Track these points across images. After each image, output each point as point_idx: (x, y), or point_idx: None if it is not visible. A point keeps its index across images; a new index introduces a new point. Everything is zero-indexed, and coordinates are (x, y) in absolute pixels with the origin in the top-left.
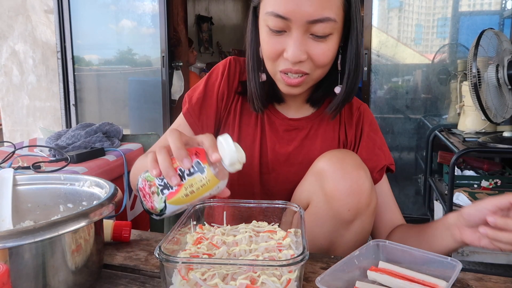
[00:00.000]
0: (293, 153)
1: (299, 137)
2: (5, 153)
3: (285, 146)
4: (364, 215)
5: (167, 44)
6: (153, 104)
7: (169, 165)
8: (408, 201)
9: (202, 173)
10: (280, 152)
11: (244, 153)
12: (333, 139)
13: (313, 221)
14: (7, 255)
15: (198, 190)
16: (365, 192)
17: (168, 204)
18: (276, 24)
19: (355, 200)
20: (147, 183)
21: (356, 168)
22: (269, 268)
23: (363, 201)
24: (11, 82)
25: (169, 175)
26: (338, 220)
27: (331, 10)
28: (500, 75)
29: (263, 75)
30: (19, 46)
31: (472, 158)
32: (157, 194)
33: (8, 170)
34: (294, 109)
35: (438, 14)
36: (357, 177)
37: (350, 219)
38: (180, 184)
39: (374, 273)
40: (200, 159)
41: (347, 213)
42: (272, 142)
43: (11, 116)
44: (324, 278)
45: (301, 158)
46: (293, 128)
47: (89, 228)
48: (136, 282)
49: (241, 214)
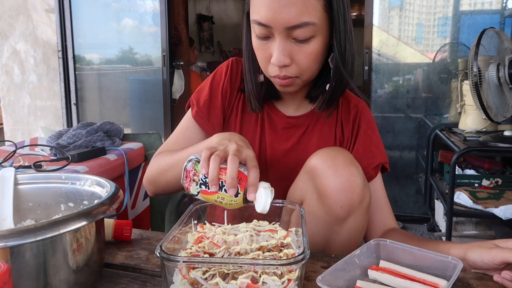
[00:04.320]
0: (291, 150)
1: (297, 134)
2: (6, 152)
3: (283, 143)
4: (357, 212)
5: (168, 43)
6: (154, 103)
7: (216, 174)
8: (409, 200)
9: (236, 196)
10: (278, 149)
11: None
12: (330, 136)
13: (307, 219)
14: (8, 254)
15: (225, 204)
16: (357, 189)
17: (199, 195)
18: (260, 32)
19: (347, 197)
20: (193, 170)
21: (347, 165)
22: (270, 267)
23: (355, 197)
24: (12, 81)
25: (212, 182)
26: (332, 217)
27: (309, 15)
28: (501, 74)
29: (261, 76)
30: (20, 45)
31: (473, 157)
32: (195, 184)
33: (9, 169)
34: (293, 106)
35: (439, 13)
36: (348, 173)
37: (343, 216)
38: (216, 192)
39: (375, 272)
40: (240, 186)
41: (340, 210)
42: (271, 139)
43: (12, 115)
44: (325, 277)
45: (298, 155)
46: (291, 125)
47: (90, 227)
48: (137, 281)
49: (241, 213)
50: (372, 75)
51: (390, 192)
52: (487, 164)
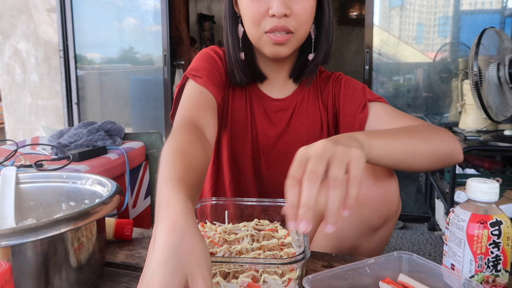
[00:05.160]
0: (281, 135)
1: (286, 117)
2: (8, 152)
3: (274, 128)
4: (391, 222)
5: (169, 42)
6: (155, 102)
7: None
8: (409, 199)
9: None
10: (270, 135)
11: None
12: (316, 114)
13: (340, 225)
14: (10, 253)
15: None
16: (395, 201)
17: None
18: None
19: (386, 207)
20: None
21: (388, 176)
22: (271, 266)
23: (393, 208)
24: (14, 81)
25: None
26: (367, 226)
27: None
28: (501, 73)
29: (241, 54)
30: (22, 45)
31: (473, 157)
32: None
33: (11, 169)
34: (277, 87)
35: (440, 12)
36: (389, 184)
37: (378, 225)
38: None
39: (386, 285)
40: None
41: (377, 220)
42: (262, 125)
43: (13, 114)
44: (313, 281)
45: (288, 138)
46: (279, 109)
47: (91, 226)
48: (138, 280)
49: (242, 212)
50: (373, 74)
51: None
52: (487, 164)
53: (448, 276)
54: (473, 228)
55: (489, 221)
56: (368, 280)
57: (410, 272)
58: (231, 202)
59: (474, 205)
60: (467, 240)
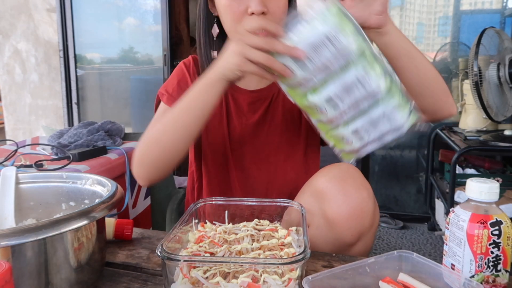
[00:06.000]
0: (259, 122)
1: (263, 106)
2: (8, 152)
3: (251, 116)
4: (367, 236)
5: (169, 42)
6: (155, 102)
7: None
8: (409, 199)
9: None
10: (247, 124)
11: None
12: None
13: (313, 242)
14: (9, 253)
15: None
16: (368, 214)
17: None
18: None
19: (358, 224)
20: None
21: (358, 189)
22: (271, 266)
23: (366, 224)
24: (14, 81)
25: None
26: (341, 242)
27: None
28: (501, 73)
29: (214, 52)
30: (22, 45)
31: (474, 157)
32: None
33: (11, 169)
34: (255, 80)
35: (440, 12)
36: (359, 199)
37: (353, 242)
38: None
39: (386, 284)
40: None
41: (350, 237)
42: (238, 116)
43: (13, 114)
44: (313, 281)
45: (267, 125)
46: (256, 99)
47: (91, 226)
48: (138, 280)
49: (242, 212)
50: None
51: (390, 192)
52: (487, 163)
53: (448, 276)
54: (473, 228)
55: (489, 221)
56: (368, 280)
57: (410, 272)
58: (231, 202)
59: (474, 205)
60: (467, 240)
